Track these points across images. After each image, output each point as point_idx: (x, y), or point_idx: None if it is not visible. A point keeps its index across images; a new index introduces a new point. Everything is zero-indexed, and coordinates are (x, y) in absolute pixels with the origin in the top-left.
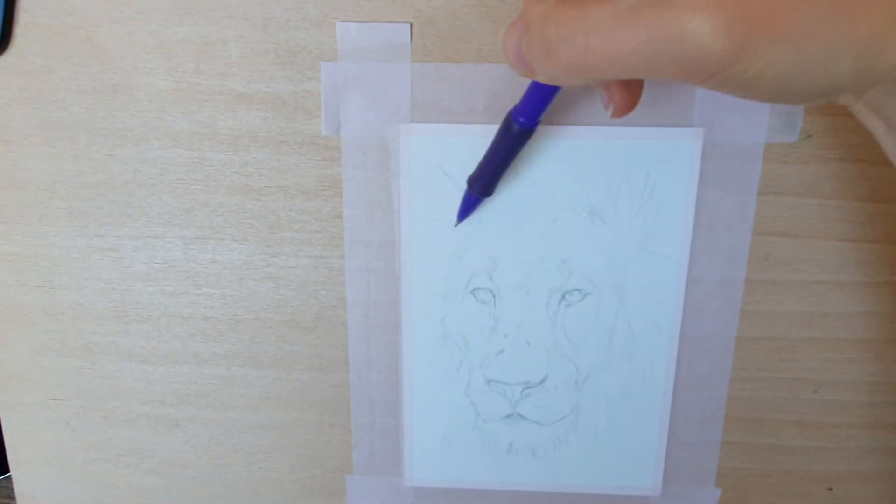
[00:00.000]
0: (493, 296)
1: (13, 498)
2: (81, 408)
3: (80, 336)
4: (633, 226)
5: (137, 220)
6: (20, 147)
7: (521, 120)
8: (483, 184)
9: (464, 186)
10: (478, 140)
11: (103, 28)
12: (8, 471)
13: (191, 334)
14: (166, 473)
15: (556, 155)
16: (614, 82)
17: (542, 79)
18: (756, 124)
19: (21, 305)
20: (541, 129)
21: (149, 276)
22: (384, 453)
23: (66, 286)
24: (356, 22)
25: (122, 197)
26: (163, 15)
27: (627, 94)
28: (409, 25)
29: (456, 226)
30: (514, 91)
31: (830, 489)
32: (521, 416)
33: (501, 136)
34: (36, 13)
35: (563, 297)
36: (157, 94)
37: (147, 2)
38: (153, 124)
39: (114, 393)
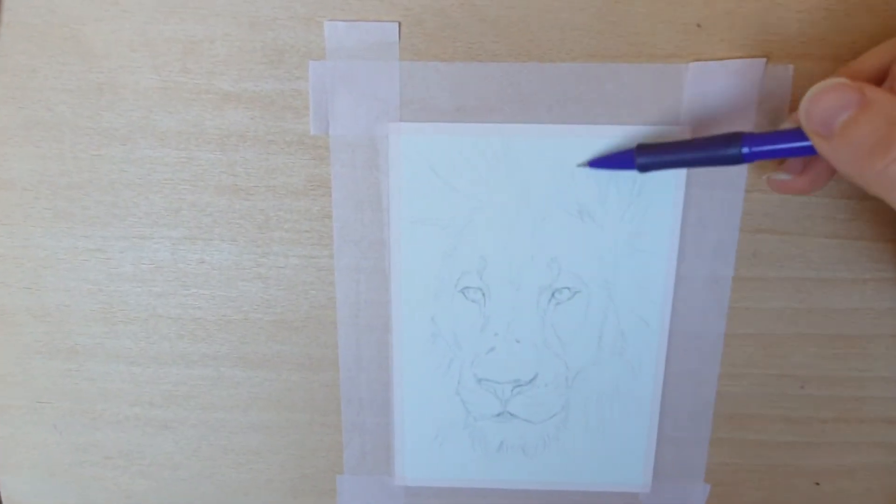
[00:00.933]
0: (483, 294)
1: (0, 503)
2: (69, 410)
3: (67, 338)
4: (621, 224)
5: (124, 221)
6: (4, 147)
7: (748, 150)
8: (651, 162)
9: (453, 185)
10: (467, 139)
11: (88, 26)
12: None
13: (179, 335)
14: (155, 475)
15: (545, 154)
16: (825, 168)
17: (829, 153)
18: (743, 122)
19: (6, 307)
20: (530, 127)
21: (136, 277)
22: (375, 453)
23: (52, 287)
24: (344, 21)
25: (108, 197)
26: (148, 13)
27: (811, 185)
28: (397, 24)
29: (580, 165)
30: (502, 89)
31: (818, 483)
32: (511, 414)
33: (711, 143)
34: (19, 11)
35: (553, 295)
36: (144, 93)
37: (133, 0)
38: (139, 124)
39: (101, 395)
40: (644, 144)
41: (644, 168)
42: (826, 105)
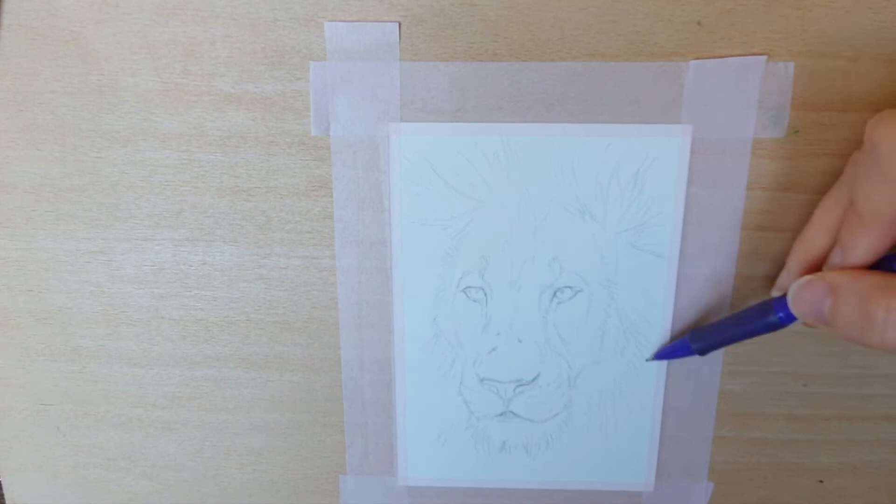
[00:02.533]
0: (485, 294)
1: None
2: (72, 412)
3: (70, 340)
4: (622, 222)
5: (126, 223)
6: (5, 150)
7: (781, 315)
8: (706, 345)
9: (454, 185)
10: (467, 139)
11: (89, 29)
12: None
13: (182, 336)
14: (159, 477)
15: (546, 153)
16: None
17: (842, 336)
18: (743, 120)
19: (8, 310)
20: (531, 126)
21: (138, 279)
22: (378, 453)
23: (54, 290)
24: (344, 21)
25: (109, 199)
26: (149, 15)
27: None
28: (397, 24)
29: (648, 360)
30: (503, 88)
31: (821, 481)
32: (514, 413)
33: (751, 317)
34: (20, 14)
35: (555, 294)
36: (145, 95)
37: (133, 2)
38: (141, 126)
39: (104, 397)
40: (697, 330)
41: (702, 350)
42: (807, 302)
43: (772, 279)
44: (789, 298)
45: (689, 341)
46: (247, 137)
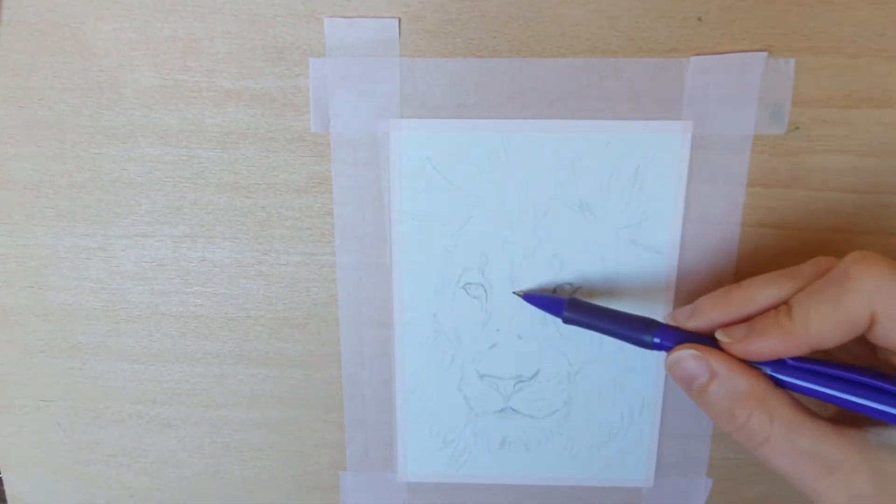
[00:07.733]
0: (485, 290)
1: (4, 501)
2: (72, 408)
3: (70, 336)
4: (623, 219)
5: (126, 219)
6: (5, 146)
7: (657, 342)
8: (576, 320)
9: (454, 182)
10: (467, 135)
11: (88, 25)
12: None
13: (181, 333)
14: (159, 473)
15: (546, 149)
16: None
17: (697, 403)
18: (744, 117)
19: (8, 306)
20: (531, 123)
21: (138, 275)
22: (378, 449)
23: (54, 286)
24: (344, 17)
25: (109, 196)
26: (148, 11)
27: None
28: (397, 20)
29: (517, 292)
30: (503, 85)
31: None
32: (514, 409)
33: (631, 324)
34: (19, 10)
35: (555, 291)
36: (144, 92)
37: None
38: (140, 122)
39: (104, 393)
40: (577, 302)
41: (567, 321)
42: (682, 372)
43: None
44: (669, 359)
45: (566, 307)
46: (246, 134)
